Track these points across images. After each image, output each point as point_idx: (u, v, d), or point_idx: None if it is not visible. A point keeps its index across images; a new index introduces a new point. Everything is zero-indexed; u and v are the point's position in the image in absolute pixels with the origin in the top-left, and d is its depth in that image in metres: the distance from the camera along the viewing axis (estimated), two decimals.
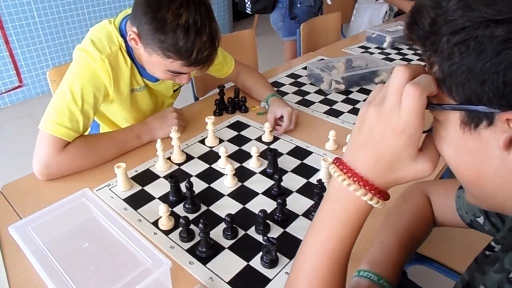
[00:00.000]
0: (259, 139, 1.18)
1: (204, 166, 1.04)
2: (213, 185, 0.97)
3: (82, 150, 0.99)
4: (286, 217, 0.86)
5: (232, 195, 0.94)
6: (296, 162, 1.07)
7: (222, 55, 1.36)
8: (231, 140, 1.16)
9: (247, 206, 0.91)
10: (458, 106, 0.37)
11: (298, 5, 2.49)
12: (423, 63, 0.43)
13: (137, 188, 0.96)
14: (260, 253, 0.76)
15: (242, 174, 1.01)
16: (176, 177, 0.90)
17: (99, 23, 1.09)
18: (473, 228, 0.69)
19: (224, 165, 1.00)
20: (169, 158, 1.06)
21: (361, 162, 0.44)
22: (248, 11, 2.59)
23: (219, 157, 1.03)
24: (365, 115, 0.44)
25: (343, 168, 0.45)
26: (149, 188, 0.96)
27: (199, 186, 0.96)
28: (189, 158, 1.08)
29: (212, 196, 0.93)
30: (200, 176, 1.00)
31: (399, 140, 0.41)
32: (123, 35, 1.06)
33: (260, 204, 0.90)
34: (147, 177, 1.00)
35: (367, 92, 1.50)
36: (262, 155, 1.07)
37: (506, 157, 0.36)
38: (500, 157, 0.36)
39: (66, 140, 0.96)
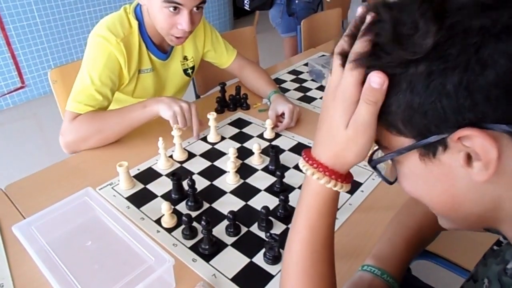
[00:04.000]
0: (260, 136, 1.18)
1: (206, 163, 1.04)
2: (215, 182, 0.97)
3: (88, 117, 1.07)
4: (288, 213, 0.86)
5: (235, 192, 0.94)
6: (298, 159, 1.06)
7: (225, 45, 1.41)
8: (232, 138, 1.16)
9: (249, 203, 0.91)
10: (412, 145, 0.38)
11: (296, 1, 2.47)
12: None
13: (140, 186, 0.96)
14: (263, 250, 0.76)
15: (244, 171, 1.01)
16: (178, 175, 0.90)
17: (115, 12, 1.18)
18: (488, 231, 0.67)
19: (233, 154, 0.98)
20: (171, 156, 1.06)
21: (321, 151, 0.46)
22: (247, 7, 2.57)
23: (221, 154, 1.03)
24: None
25: (308, 159, 0.47)
26: (151, 186, 0.96)
27: (201, 183, 0.96)
28: (191, 155, 1.08)
29: (215, 193, 0.94)
30: (202, 173, 1.01)
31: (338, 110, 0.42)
32: (138, 18, 1.15)
33: (263, 201, 0.90)
34: (149, 175, 1.00)
35: None
36: (264, 152, 1.07)
37: (471, 172, 0.36)
38: (466, 175, 0.37)
39: (79, 113, 1.07)
